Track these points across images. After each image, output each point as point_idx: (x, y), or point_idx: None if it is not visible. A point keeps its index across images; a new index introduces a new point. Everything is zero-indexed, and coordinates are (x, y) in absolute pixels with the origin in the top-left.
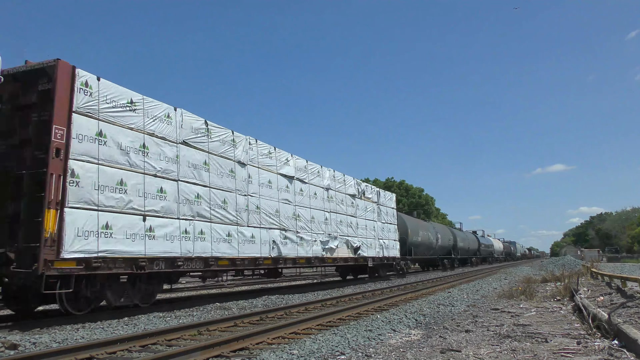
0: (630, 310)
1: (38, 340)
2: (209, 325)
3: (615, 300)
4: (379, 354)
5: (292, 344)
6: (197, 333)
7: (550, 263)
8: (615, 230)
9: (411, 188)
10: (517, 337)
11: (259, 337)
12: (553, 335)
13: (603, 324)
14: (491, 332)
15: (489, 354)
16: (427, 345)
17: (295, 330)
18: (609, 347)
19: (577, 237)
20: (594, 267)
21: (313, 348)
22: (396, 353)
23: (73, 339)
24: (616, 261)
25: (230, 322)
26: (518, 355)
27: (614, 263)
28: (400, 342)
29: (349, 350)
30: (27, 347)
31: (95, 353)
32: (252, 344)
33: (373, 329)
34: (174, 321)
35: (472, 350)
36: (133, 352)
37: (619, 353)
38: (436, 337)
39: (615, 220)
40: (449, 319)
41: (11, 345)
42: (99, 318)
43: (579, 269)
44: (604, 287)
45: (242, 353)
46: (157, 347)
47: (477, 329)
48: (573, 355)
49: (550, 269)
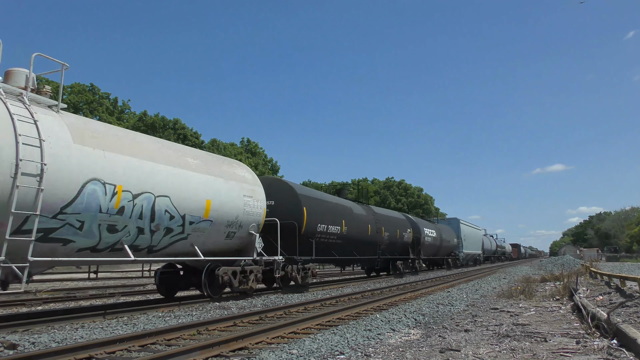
0: (629, 310)
1: (37, 340)
2: (208, 325)
3: (614, 300)
4: (378, 354)
5: (291, 344)
6: (196, 333)
7: (549, 262)
8: (614, 230)
9: (410, 187)
10: (516, 337)
11: (259, 337)
12: (552, 334)
13: (602, 323)
14: (490, 331)
15: (488, 353)
16: (426, 344)
17: (295, 329)
18: (608, 347)
19: (576, 236)
20: (593, 266)
21: (312, 348)
22: (395, 352)
23: (72, 339)
24: (615, 261)
25: (229, 321)
26: (517, 354)
27: (613, 262)
28: (400, 342)
29: (348, 349)
30: (26, 347)
31: (94, 353)
32: (252, 343)
33: (372, 329)
34: (173, 321)
35: (472, 350)
36: (132, 351)
37: (618, 352)
38: (435, 336)
39: (614, 219)
40: (448, 318)
41: (10, 345)
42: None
43: (578, 268)
44: (603, 286)
45: (242, 353)
46: (157, 347)
47: (477, 329)
48: (572, 354)
49: (549, 268)
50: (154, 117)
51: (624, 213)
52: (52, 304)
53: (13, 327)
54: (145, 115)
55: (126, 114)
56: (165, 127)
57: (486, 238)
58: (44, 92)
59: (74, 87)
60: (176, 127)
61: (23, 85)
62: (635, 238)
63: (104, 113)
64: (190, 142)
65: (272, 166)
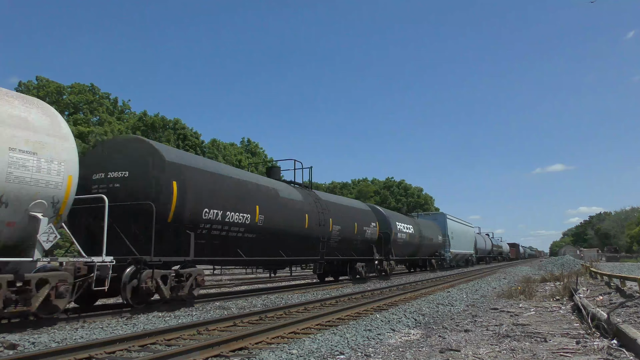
0: (629, 310)
1: (37, 340)
2: (208, 325)
3: (614, 300)
4: (378, 354)
5: (291, 344)
6: (196, 333)
7: (549, 263)
8: (615, 230)
9: (410, 187)
10: (516, 337)
11: (259, 337)
12: (552, 334)
13: (602, 323)
14: (490, 331)
15: (488, 353)
16: (426, 344)
17: (295, 329)
18: (608, 347)
19: (577, 236)
20: (593, 266)
21: (312, 348)
22: (395, 353)
23: (72, 339)
24: (615, 261)
25: (229, 321)
26: (517, 354)
27: (613, 263)
28: (400, 342)
29: (348, 349)
30: (26, 347)
31: (94, 353)
32: (252, 343)
33: (372, 329)
34: (173, 321)
35: (472, 350)
36: (132, 351)
37: (618, 352)
38: (435, 336)
39: (615, 220)
40: (448, 318)
41: (10, 345)
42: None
43: (578, 268)
44: (603, 286)
45: (242, 353)
46: (157, 347)
47: (476, 329)
48: (572, 354)
49: (549, 268)
50: (154, 117)
51: (624, 213)
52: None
53: (13, 326)
54: (145, 115)
55: (126, 114)
56: (165, 127)
57: (480, 237)
58: None
59: (74, 87)
60: (176, 127)
61: None
62: (636, 238)
63: (104, 113)
64: (190, 142)
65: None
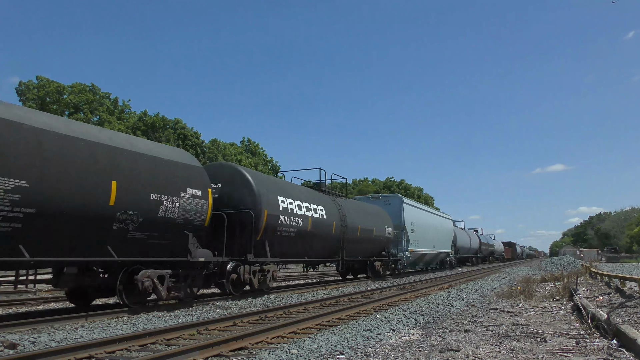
0: (629, 310)
1: (37, 339)
2: (208, 325)
3: (614, 300)
4: (378, 354)
5: (291, 344)
6: (196, 332)
7: (549, 263)
8: (615, 230)
9: (410, 188)
10: (516, 337)
11: (258, 337)
12: (552, 335)
13: (602, 323)
14: (490, 331)
15: (488, 353)
16: (426, 344)
17: (295, 329)
18: (607, 347)
19: (576, 237)
20: (593, 266)
21: (312, 347)
22: (395, 353)
23: (72, 338)
24: (615, 261)
25: (229, 321)
26: (517, 355)
27: (613, 263)
28: (400, 342)
29: (348, 349)
30: (26, 347)
31: (94, 352)
32: (252, 343)
33: (372, 329)
34: (173, 320)
35: (471, 350)
36: (132, 351)
37: (618, 353)
38: (435, 336)
39: (615, 220)
40: (448, 318)
41: (10, 344)
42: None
43: (578, 268)
44: (603, 286)
45: (242, 352)
46: (157, 347)
47: (476, 329)
48: (572, 355)
49: (549, 268)
50: (154, 117)
51: (624, 213)
52: (52, 304)
53: (13, 326)
54: (146, 115)
55: (126, 113)
56: (165, 127)
57: (462, 232)
58: None
59: (74, 87)
60: (176, 127)
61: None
62: (635, 238)
63: (105, 113)
64: (191, 142)
65: (272, 166)
